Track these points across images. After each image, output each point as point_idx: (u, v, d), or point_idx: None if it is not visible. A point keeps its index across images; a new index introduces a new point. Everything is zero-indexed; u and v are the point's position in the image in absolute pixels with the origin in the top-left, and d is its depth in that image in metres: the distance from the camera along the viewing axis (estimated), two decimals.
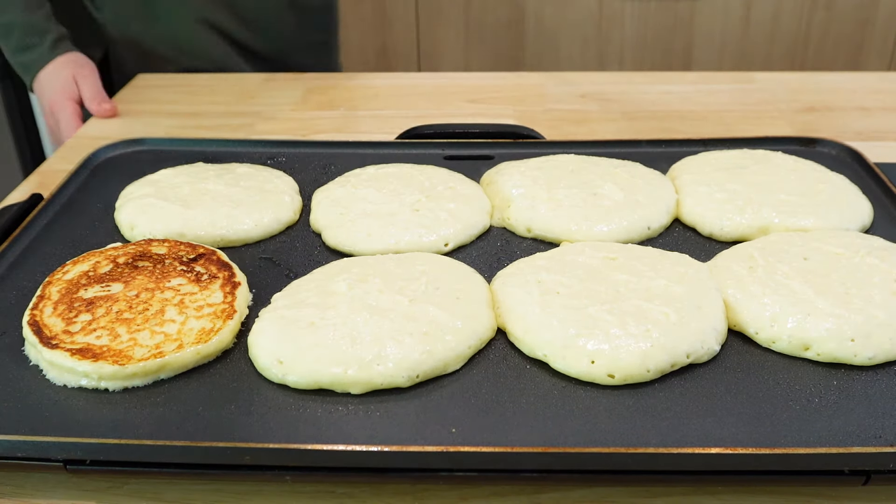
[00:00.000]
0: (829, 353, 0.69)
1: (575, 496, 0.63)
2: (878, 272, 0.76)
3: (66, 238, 0.90)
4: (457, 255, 0.87)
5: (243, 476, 0.62)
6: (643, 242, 0.88)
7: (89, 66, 1.35)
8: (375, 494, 0.63)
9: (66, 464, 0.61)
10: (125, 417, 0.65)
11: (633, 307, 0.72)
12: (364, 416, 0.65)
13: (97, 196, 0.99)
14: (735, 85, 1.38)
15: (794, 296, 0.73)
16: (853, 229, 0.87)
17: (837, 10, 2.55)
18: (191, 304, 0.75)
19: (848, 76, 1.44)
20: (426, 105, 1.35)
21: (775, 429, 0.63)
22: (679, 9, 2.57)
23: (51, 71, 1.32)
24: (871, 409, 0.65)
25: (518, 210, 0.91)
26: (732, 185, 0.92)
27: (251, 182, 0.96)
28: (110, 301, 0.75)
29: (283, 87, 1.41)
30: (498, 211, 0.93)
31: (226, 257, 0.83)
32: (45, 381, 0.69)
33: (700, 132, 1.18)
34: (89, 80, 1.32)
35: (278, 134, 1.23)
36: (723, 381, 0.68)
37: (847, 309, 0.71)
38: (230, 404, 0.66)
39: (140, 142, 1.11)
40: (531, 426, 0.64)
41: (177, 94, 1.39)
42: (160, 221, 0.89)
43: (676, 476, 0.61)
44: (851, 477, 0.59)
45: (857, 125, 1.23)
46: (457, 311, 0.73)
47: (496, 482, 0.63)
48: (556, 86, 1.39)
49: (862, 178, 0.98)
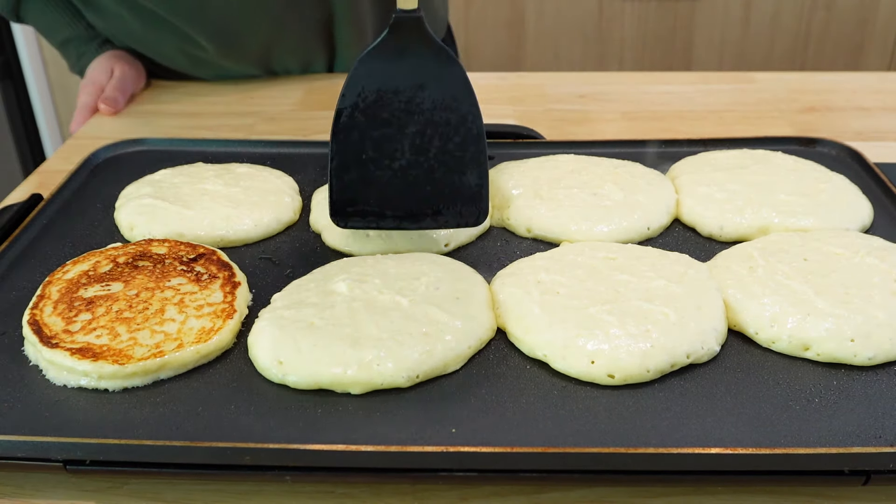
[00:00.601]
0: (829, 354, 0.69)
1: (575, 496, 0.63)
2: (878, 272, 0.76)
3: (66, 238, 0.90)
4: (457, 255, 0.87)
5: (243, 476, 0.62)
6: (643, 242, 0.88)
7: (131, 64, 1.37)
8: (375, 494, 0.63)
9: (66, 464, 0.61)
10: (125, 417, 0.65)
11: (632, 307, 0.72)
12: (364, 416, 0.65)
13: (97, 196, 0.99)
14: (735, 85, 1.38)
15: (794, 296, 0.73)
16: (853, 229, 0.87)
17: (837, 10, 2.56)
18: (191, 304, 0.75)
19: (848, 76, 1.44)
20: None
21: (775, 429, 0.63)
22: (679, 9, 2.57)
23: (96, 60, 1.37)
24: (871, 409, 0.65)
25: (518, 210, 0.91)
26: (732, 186, 0.92)
27: (251, 182, 0.96)
28: (110, 300, 0.75)
29: (283, 88, 1.40)
30: (498, 211, 0.93)
31: (226, 257, 0.83)
32: (44, 381, 0.69)
33: (700, 132, 1.18)
34: (118, 74, 1.34)
35: (278, 134, 1.23)
36: (723, 381, 0.68)
37: (847, 309, 0.71)
38: (230, 404, 0.66)
39: (140, 142, 1.11)
40: (531, 426, 0.64)
41: (177, 95, 1.39)
42: (160, 222, 0.89)
43: (676, 476, 0.61)
44: (851, 477, 0.59)
45: (857, 125, 1.23)
46: (457, 312, 0.73)
47: (496, 482, 0.63)
48: (556, 86, 1.39)
49: (862, 178, 0.98)
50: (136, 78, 1.38)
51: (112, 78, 1.34)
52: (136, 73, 1.38)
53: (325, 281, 0.77)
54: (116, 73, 1.35)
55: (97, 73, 1.35)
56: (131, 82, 1.36)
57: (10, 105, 2.70)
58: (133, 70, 1.37)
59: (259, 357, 0.69)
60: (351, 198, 0.82)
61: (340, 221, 0.83)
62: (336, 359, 0.67)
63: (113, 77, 1.34)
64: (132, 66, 1.37)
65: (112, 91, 1.32)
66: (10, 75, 2.68)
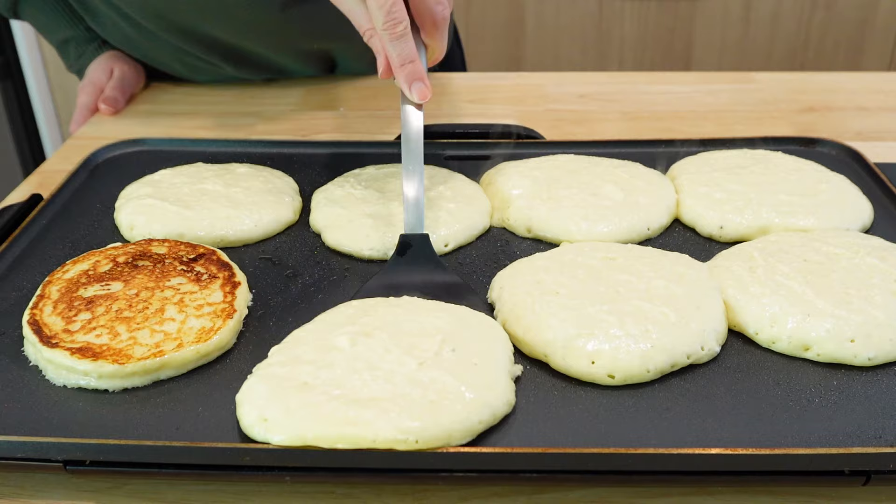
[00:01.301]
0: (829, 354, 0.69)
1: (574, 496, 0.63)
2: (878, 272, 0.76)
3: (66, 238, 0.90)
4: (457, 255, 0.87)
5: (243, 476, 0.62)
6: (643, 242, 0.88)
7: (131, 64, 1.37)
8: (375, 495, 0.63)
9: (66, 464, 0.61)
10: (125, 418, 0.65)
11: (633, 307, 0.72)
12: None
13: (97, 196, 0.99)
14: (735, 85, 1.38)
15: (794, 296, 0.73)
16: (853, 229, 0.87)
17: (837, 11, 2.55)
18: (190, 303, 0.75)
19: (848, 76, 1.44)
20: (426, 105, 1.34)
21: (775, 429, 0.63)
22: (679, 9, 2.57)
23: (95, 61, 1.37)
24: (871, 409, 0.65)
25: (518, 210, 0.91)
26: (732, 186, 0.92)
27: (251, 182, 0.96)
28: (110, 300, 0.75)
29: (283, 88, 1.40)
30: (498, 211, 0.93)
31: (226, 257, 0.83)
32: (44, 381, 0.69)
33: (700, 132, 1.18)
34: (118, 75, 1.35)
35: (278, 134, 1.23)
36: (723, 381, 0.68)
37: (847, 309, 0.71)
38: (230, 404, 0.66)
39: (140, 142, 1.11)
40: (531, 426, 0.64)
41: (177, 94, 1.39)
42: (159, 222, 0.89)
43: (676, 476, 0.60)
44: (852, 477, 0.59)
45: (857, 125, 1.23)
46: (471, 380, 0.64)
47: (496, 482, 0.63)
48: (556, 86, 1.39)
49: (862, 178, 0.98)
50: (136, 78, 1.38)
51: (112, 78, 1.34)
52: (135, 73, 1.38)
53: (326, 332, 0.69)
54: (116, 73, 1.35)
55: (97, 73, 1.35)
56: (131, 82, 1.36)
57: (10, 105, 2.70)
58: (133, 70, 1.37)
59: (243, 417, 0.63)
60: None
61: None
62: (326, 418, 0.60)
63: (112, 77, 1.34)
64: (132, 67, 1.37)
65: (112, 91, 1.32)
66: (10, 75, 2.68)
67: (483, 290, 0.80)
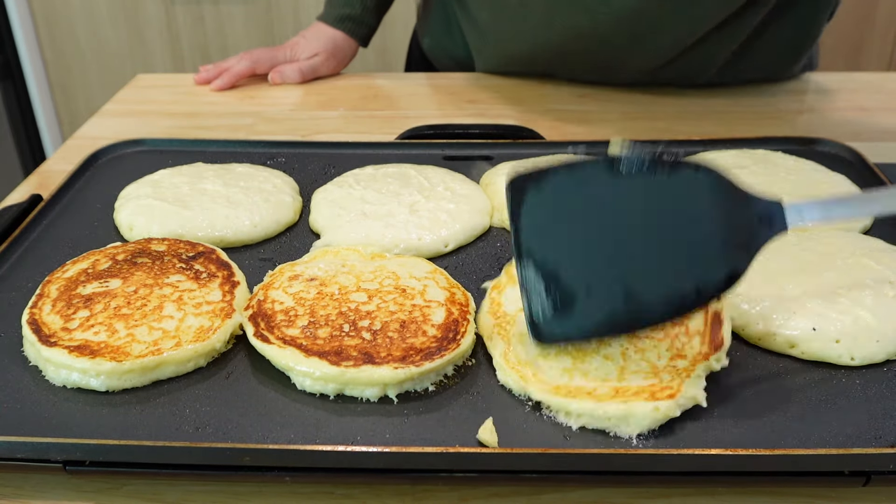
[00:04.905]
0: (814, 353, 0.69)
1: (574, 497, 0.63)
2: (873, 274, 0.76)
3: (66, 238, 0.90)
4: (457, 255, 0.87)
5: (243, 477, 0.62)
6: None
7: (336, 50, 1.46)
8: (375, 495, 0.63)
9: (66, 465, 0.61)
10: (125, 418, 0.65)
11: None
12: (364, 417, 0.65)
13: (97, 196, 0.99)
14: (735, 85, 1.38)
15: (784, 295, 0.73)
16: (853, 230, 0.86)
17: (837, 10, 2.55)
18: (189, 301, 0.75)
19: (848, 76, 1.44)
20: (426, 105, 1.35)
21: (775, 429, 0.63)
22: None
23: (317, 26, 1.48)
24: (871, 409, 0.65)
25: None
26: None
27: (251, 182, 0.96)
28: (108, 297, 0.75)
29: (283, 88, 1.41)
30: (498, 211, 0.93)
31: (225, 256, 0.82)
32: (44, 381, 0.69)
33: (700, 132, 1.18)
34: (307, 54, 1.44)
35: (278, 134, 1.23)
36: (722, 381, 0.68)
37: (836, 310, 0.71)
38: (230, 404, 0.66)
39: (140, 142, 1.11)
40: (531, 426, 0.64)
41: (177, 94, 1.39)
42: (159, 222, 0.89)
43: (676, 477, 0.61)
44: (851, 478, 0.59)
45: (857, 125, 1.23)
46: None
47: (496, 482, 0.63)
48: (556, 86, 1.39)
49: (862, 178, 0.98)
50: (321, 59, 1.45)
51: (308, 59, 1.43)
52: (324, 53, 1.45)
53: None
54: (307, 54, 1.43)
55: (302, 41, 1.44)
56: (304, 59, 1.44)
57: (10, 105, 2.70)
58: (327, 55, 1.45)
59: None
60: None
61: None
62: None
63: (308, 60, 1.43)
64: (333, 48, 1.46)
65: (295, 70, 1.41)
66: (10, 75, 2.68)
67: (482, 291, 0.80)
